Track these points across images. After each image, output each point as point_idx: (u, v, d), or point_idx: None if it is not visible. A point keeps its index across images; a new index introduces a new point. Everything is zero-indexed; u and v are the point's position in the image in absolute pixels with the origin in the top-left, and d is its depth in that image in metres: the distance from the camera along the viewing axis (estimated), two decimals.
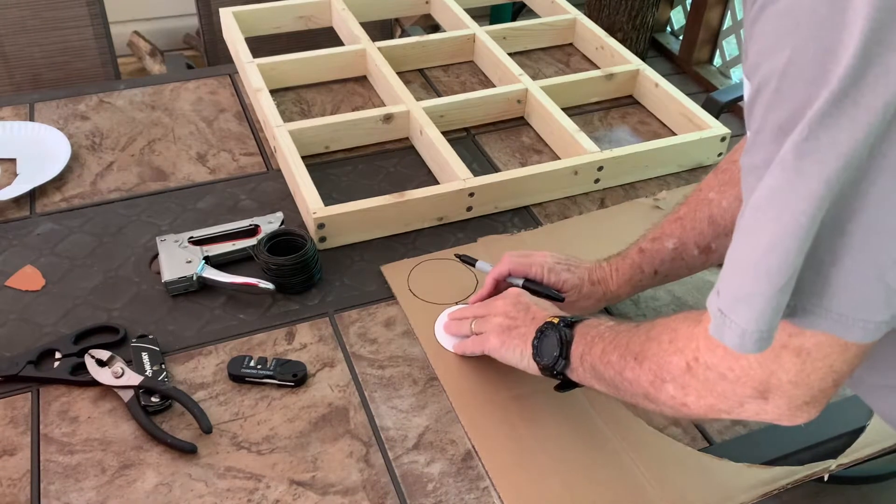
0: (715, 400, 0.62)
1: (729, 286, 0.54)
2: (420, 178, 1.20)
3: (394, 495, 0.78)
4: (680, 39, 3.21)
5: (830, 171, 0.47)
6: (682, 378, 0.64)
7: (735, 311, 0.53)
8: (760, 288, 0.51)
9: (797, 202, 0.48)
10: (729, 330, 0.54)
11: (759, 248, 0.51)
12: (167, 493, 0.77)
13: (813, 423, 0.86)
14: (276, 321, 0.96)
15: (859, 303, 0.51)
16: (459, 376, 0.89)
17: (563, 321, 0.79)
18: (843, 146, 0.46)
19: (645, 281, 0.92)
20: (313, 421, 0.84)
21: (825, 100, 0.46)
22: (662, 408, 0.69)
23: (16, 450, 0.80)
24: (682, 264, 0.91)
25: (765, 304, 0.51)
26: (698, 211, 0.89)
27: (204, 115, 1.32)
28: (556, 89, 1.33)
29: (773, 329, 0.52)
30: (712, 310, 0.56)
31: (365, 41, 1.41)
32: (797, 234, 0.49)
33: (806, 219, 0.48)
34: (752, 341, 0.53)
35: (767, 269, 0.50)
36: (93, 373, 0.86)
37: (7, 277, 0.99)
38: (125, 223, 1.09)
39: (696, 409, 0.65)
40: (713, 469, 0.81)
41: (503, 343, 0.83)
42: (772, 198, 0.50)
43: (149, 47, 2.55)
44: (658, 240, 0.91)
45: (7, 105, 1.31)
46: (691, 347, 0.63)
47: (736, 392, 0.60)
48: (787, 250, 0.49)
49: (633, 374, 0.70)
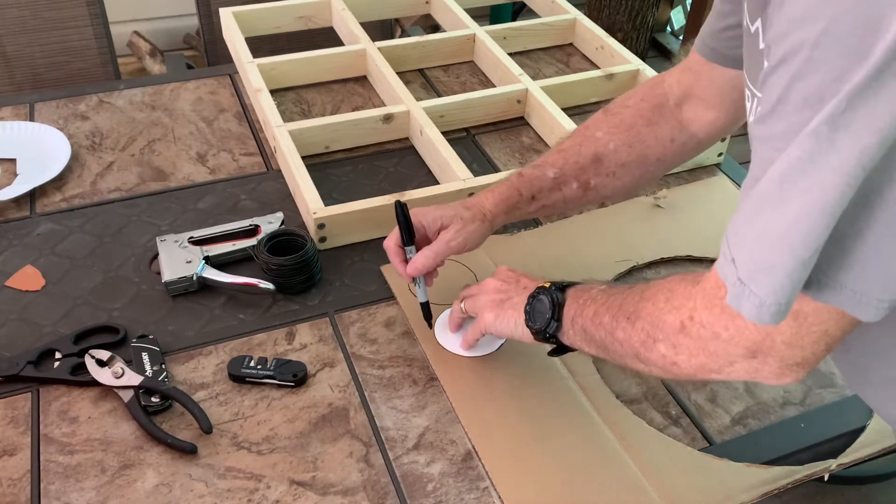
0: (706, 359, 0.62)
1: (750, 256, 0.53)
2: (420, 178, 1.20)
3: (394, 495, 0.78)
4: (680, 39, 3.21)
5: (865, 145, 0.46)
6: (674, 337, 0.64)
7: (755, 281, 0.53)
8: (783, 260, 0.50)
9: (830, 176, 0.47)
10: (747, 301, 0.53)
11: (785, 220, 0.50)
12: (167, 494, 0.77)
13: (813, 423, 0.87)
14: (276, 321, 0.96)
15: (876, 281, 0.51)
16: (459, 376, 0.89)
17: (554, 285, 0.79)
18: (881, 120, 0.45)
19: (522, 205, 0.91)
20: (313, 421, 0.84)
21: (866, 72, 0.45)
22: (652, 368, 0.69)
23: (16, 450, 0.80)
24: (559, 196, 0.91)
25: (786, 276, 0.51)
26: (583, 146, 0.90)
27: (204, 115, 1.32)
28: (556, 89, 1.33)
29: (791, 302, 0.52)
30: (731, 279, 0.55)
31: (365, 41, 1.41)
32: (826, 209, 0.48)
33: (837, 194, 0.47)
34: (770, 313, 0.53)
35: (792, 241, 0.50)
36: (93, 373, 0.86)
37: (7, 277, 0.99)
38: (125, 223, 1.09)
39: (686, 369, 0.65)
40: (713, 469, 0.81)
41: (497, 316, 0.83)
42: (802, 169, 0.49)
43: (149, 47, 2.55)
44: (539, 167, 0.91)
45: (7, 105, 1.31)
46: (688, 306, 0.63)
47: (728, 351, 0.60)
48: (814, 224, 0.49)
49: (624, 335, 0.70)
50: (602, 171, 0.89)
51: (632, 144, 0.89)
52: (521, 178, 0.91)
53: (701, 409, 0.88)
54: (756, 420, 0.87)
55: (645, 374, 0.73)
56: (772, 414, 0.88)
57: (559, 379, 0.89)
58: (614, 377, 0.90)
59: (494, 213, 0.91)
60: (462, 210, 0.90)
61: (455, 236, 0.88)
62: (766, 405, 0.89)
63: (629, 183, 0.91)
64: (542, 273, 0.86)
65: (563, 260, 1.04)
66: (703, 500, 0.78)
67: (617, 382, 0.90)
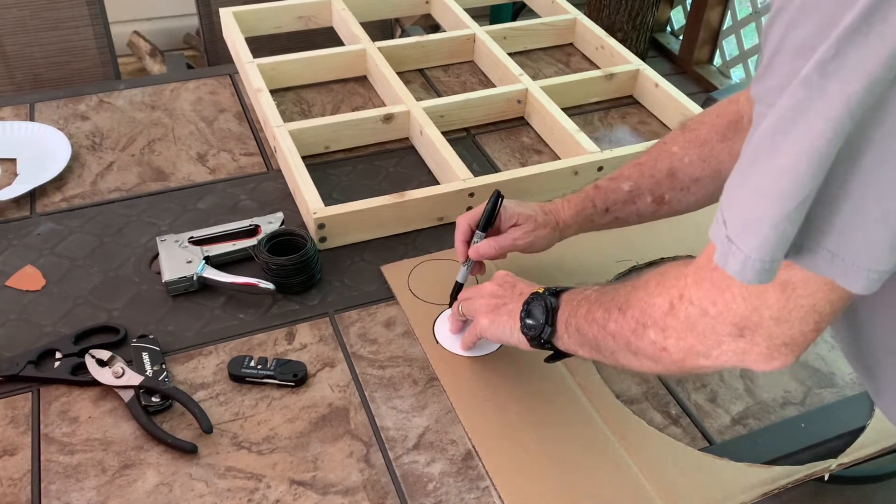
0: (694, 340, 0.62)
1: (740, 213, 0.52)
2: (420, 178, 1.20)
3: (394, 495, 0.78)
4: (680, 39, 3.21)
5: (853, 91, 0.44)
6: (663, 320, 0.64)
7: (741, 237, 0.52)
8: (769, 212, 0.49)
9: (817, 123, 0.46)
10: (733, 257, 0.52)
11: (773, 172, 0.49)
12: (168, 493, 0.77)
13: (813, 423, 0.87)
14: (277, 321, 0.96)
15: (862, 247, 0.49)
16: (459, 376, 0.89)
17: (548, 290, 0.79)
18: (869, 65, 0.44)
19: (595, 217, 0.92)
20: (313, 421, 0.84)
21: (854, 15, 0.44)
22: (643, 360, 0.68)
23: (16, 450, 0.80)
24: (633, 209, 0.91)
25: (770, 229, 0.50)
26: (659, 161, 0.90)
27: (204, 115, 1.32)
28: (556, 89, 1.33)
29: (776, 260, 0.51)
30: (719, 238, 0.54)
31: (365, 41, 1.41)
32: (812, 157, 0.47)
33: (824, 141, 0.46)
34: (754, 270, 0.51)
35: (779, 192, 0.49)
36: (93, 373, 0.86)
37: (7, 277, 0.99)
38: (125, 223, 1.09)
39: (675, 354, 0.64)
40: (713, 469, 0.81)
41: (492, 322, 0.84)
42: (793, 120, 0.47)
43: (149, 47, 2.55)
44: (615, 179, 0.92)
45: (7, 105, 1.31)
46: (678, 285, 0.62)
47: (716, 329, 0.59)
48: (800, 173, 0.47)
49: (616, 326, 0.69)
50: (676, 186, 0.89)
51: (706, 160, 0.88)
52: (596, 189, 0.92)
53: (701, 409, 0.88)
54: (756, 420, 0.87)
55: (637, 369, 0.72)
56: (772, 414, 0.88)
57: (559, 379, 0.89)
58: (614, 377, 0.90)
59: (567, 224, 0.93)
60: (540, 213, 0.92)
61: (523, 237, 0.91)
62: (766, 405, 0.89)
63: (702, 198, 0.90)
64: (542, 273, 0.86)
65: (563, 260, 1.04)
66: (703, 500, 0.78)
67: (617, 382, 0.90)
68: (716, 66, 3.11)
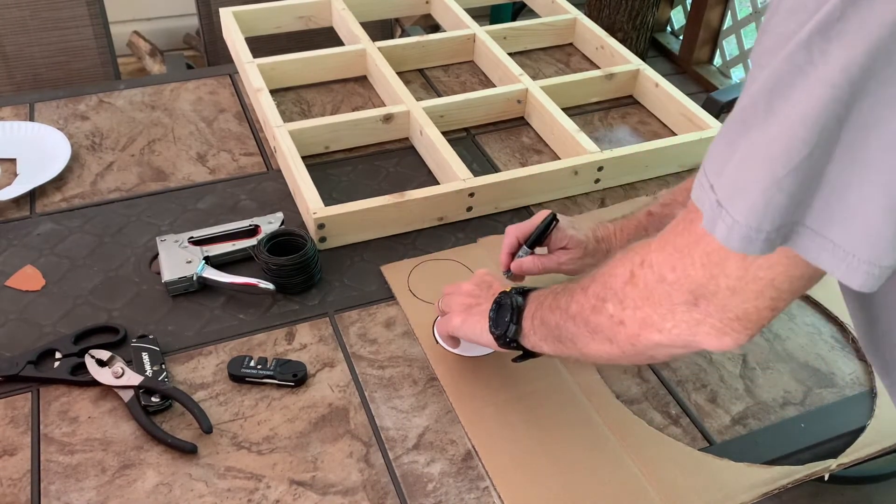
0: (650, 309, 0.61)
1: (731, 177, 0.50)
2: (420, 179, 1.20)
3: (394, 495, 0.78)
4: (680, 39, 3.21)
5: (854, 55, 0.42)
6: (622, 290, 0.63)
7: (731, 201, 0.50)
8: (759, 176, 0.47)
9: (815, 86, 0.44)
10: (721, 221, 0.50)
11: (765, 136, 0.47)
12: (167, 493, 0.77)
13: (813, 423, 0.87)
14: (276, 321, 0.96)
15: (865, 237, 0.46)
16: (459, 377, 0.89)
17: (515, 290, 0.79)
18: (871, 28, 0.42)
19: None
20: (313, 421, 0.84)
21: None
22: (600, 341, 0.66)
23: (16, 450, 0.80)
24: None
25: (759, 195, 0.48)
26: None
27: (204, 115, 1.32)
28: (556, 89, 1.33)
29: (761, 230, 0.48)
30: (708, 203, 0.52)
31: (365, 41, 1.41)
32: (806, 122, 0.45)
33: (820, 105, 0.44)
34: (738, 237, 0.49)
35: (771, 156, 0.47)
36: (93, 373, 0.86)
37: (7, 277, 0.99)
38: (125, 223, 1.09)
39: (630, 327, 0.63)
40: (713, 469, 0.81)
41: (464, 321, 0.84)
42: (791, 83, 0.45)
43: (149, 47, 2.55)
44: (668, 206, 0.90)
45: (7, 105, 1.31)
46: (641, 252, 0.62)
47: (671, 297, 0.58)
48: (792, 137, 0.45)
49: (577, 306, 0.68)
50: None
51: None
52: (650, 217, 0.92)
53: (701, 409, 0.88)
54: (756, 420, 0.87)
55: (595, 357, 0.70)
56: (772, 414, 0.88)
57: (559, 379, 0.89)
58: (614, 377, 0.90)
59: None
60: (591, 240, 0.92)
61: (569, 262, 0.91)
62: (766, 405, 0.89)
63: None
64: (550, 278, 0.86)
65: None
66: (703, 500, 0.78)
67: (617, 382, 0.90)
68: (716, 66, 3.11)
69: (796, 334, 0.98)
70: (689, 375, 0.92)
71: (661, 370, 0.92)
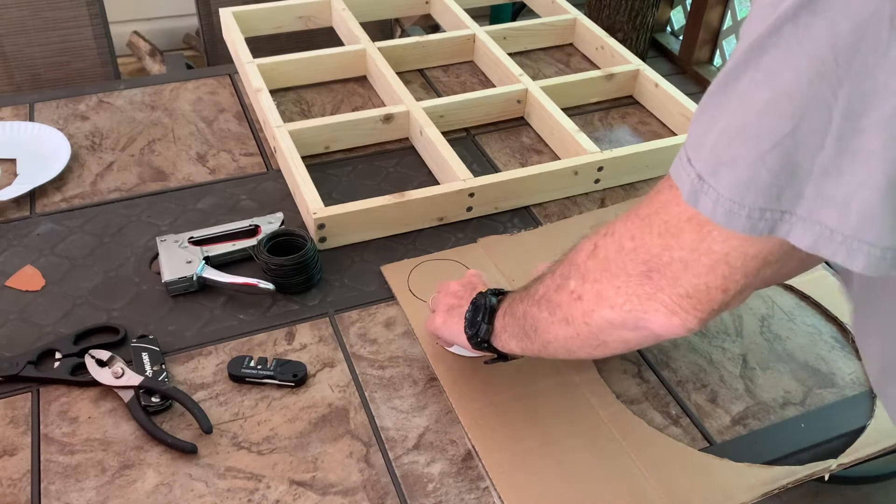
0: (606, 282, 0.60)
1: (712, 151, 0.49)
2: (420, 179, 1.20)
3: (394, 495, 0.78)
4: (680, 39, 3.21)
5: (841, 30, 0.42)
6: (584, 265, 0.63)
7: (715, 175, 0.49)
8: (742, 150, 0.47)
9: (800, 61, 0.43)
10: (705, 195, 0.50)
11: (748, 109, 0.47)
12: (167, 493, 0.77)
13: (813, 423, 0.87)
14: (276, 321, 0.96)
15: (862, 220, 0.45)
16: (459, 377, 0.89)
17: (490, 291, 0.80)
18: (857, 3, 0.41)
19: None
20: (313, 421, 0.84)
21: None
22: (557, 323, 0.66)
23: (16, 450, 0.80)
24: None
25: (743, 170, 0.47)
26: None
27: (204, 116, 1.32)
28: (556, 89, 1.33)
29: (744, 206, 0.48)
30: (688, 177, 0.51)
31: (365, 41, 1.41)
32: (792, 96, 0.44)
33: (805, 80, 0.43)
34: (723, 211, 0.49)
35: (756, 131, 0.46)
36: (93, 373, 0.86)
37: (7, 277, 0.99)
38: (125, 223, 1.09)
39: (587, 302, 0.63)
40: (713, 469, 0.81)
41: (444, 322, 0.84)
42: (776, 57, 0.45)
43: (149, 47, 2.55)
44: None
45: (7, 105, 1.31)
46: (608, 225, 0.61)
47: (627, 268, 0.58)
48: (778, 113, 0.45)
49: (544, 288, 0.68)
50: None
51: None
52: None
53: (701, 409, 0.88)
54: (756, 420, 0.87)
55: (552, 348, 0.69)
56: (772, 414, 0.88)
57: (560, 378, 0.89)
58: (614, 377, 0.90)
59: None
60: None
61: None
62: (766, 405, 0.89)
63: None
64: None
65: None
66: (703, 500, 0.78)
67: (617, 382, 0.90)
68: (716, 66, 3.11)
69: (796, 334, 0.98)
70: (689, 375, 0.92)
71: (661, 370, 0.92)
